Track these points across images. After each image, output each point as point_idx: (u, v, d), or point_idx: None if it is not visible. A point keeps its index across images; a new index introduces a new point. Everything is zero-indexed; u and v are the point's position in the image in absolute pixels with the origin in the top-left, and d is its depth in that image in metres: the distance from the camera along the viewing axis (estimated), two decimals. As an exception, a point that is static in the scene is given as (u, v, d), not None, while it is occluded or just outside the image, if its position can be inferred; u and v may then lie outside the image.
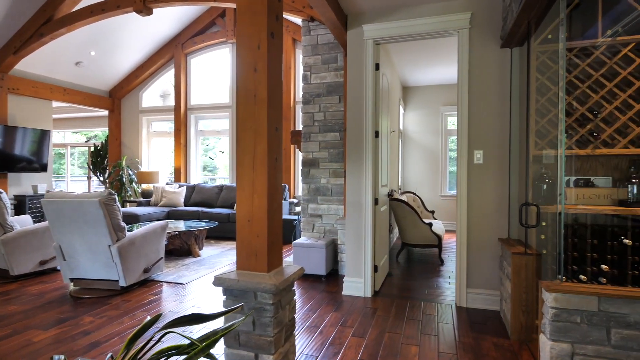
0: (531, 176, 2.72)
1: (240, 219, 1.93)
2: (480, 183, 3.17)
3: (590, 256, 2.64)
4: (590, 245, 2.64)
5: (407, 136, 7.54)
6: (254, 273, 1.90)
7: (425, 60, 5.80)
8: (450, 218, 7.27)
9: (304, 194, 4.50)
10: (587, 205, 2.67)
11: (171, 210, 6.57)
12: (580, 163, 2.91)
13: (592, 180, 2.91)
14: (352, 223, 3.52)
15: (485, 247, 3.16)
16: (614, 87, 2.63)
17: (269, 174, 1.90)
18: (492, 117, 3.14)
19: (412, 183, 7.49)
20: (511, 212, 3.09)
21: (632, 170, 2.64)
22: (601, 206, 2.66)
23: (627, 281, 2.57)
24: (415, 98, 7.46)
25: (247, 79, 1.91)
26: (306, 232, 4.49)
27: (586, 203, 2.80)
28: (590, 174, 2.89)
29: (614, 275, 2.60)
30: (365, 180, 3.47)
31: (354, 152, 3.51)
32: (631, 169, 2.64)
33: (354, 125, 3.51)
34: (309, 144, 4.47)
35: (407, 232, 4.76)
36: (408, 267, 4.54)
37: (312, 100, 4.46)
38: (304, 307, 3.17)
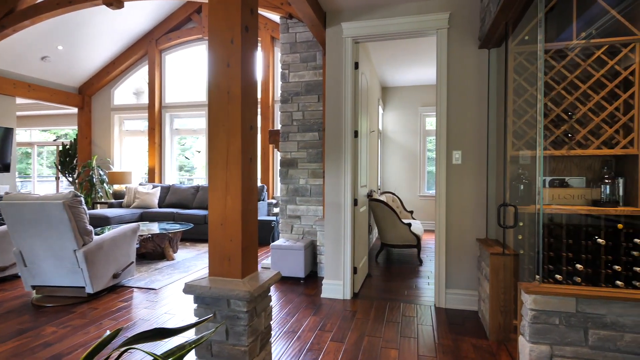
0: (508, 177, 2.73)
1: (213, 221, 1.83)
2: (458, 183, 3.17)
3: (565, 256, 2.67)
4: (565, 244, 2.67)
5: (386, 136, 7.56)
6: (227, 279, 1.80)
7: (404, 61, 5.81)
8: (428, 218, 7.33)
9: (282, 194, 4.41)
10: (563, 205, 2.71)
11: (144, 211, 6.34)
12: (555, 163, 2.95)
13: (567, 181, 2.95)
14: (331, 224, 3.45)
15: (464, 247, 3.17)
16: (587, 89, 2.67)
17: (243, 175, 1.81)
18: (470, 117, 3.15)
19: (391, 183, 7.52)
20: (489, 212, 3.11)
21: (604, 170, 2.69)
22: (576, 206, 2.69)
23: (600, 280, 2.61)
24: (394, 98, 7.49)
25: (220, 74, 1.82)
26: (285, 234, 4.40)
27: (561, 203, 2.84)
28: (565, 174, 2.93)
29: (588, 275, 2.64)
30: (345, 181, 3.41)
31: (333, 152, 3.45)
32: (604, 169, 2.69)
33: (333, 125, 3.45)
34: (287, 143, 4.39)
35: (386, 232, 4.74)
36: (387, 267, 4.52)
37: (290, 99, 4.38)
38: (281, 311, 3.09)
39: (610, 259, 2.57)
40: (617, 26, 2.59)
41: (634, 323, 1.61)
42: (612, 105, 2.61)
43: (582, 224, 2.67)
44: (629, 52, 2.56)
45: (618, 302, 1.62)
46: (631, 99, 2.58)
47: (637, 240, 2.50)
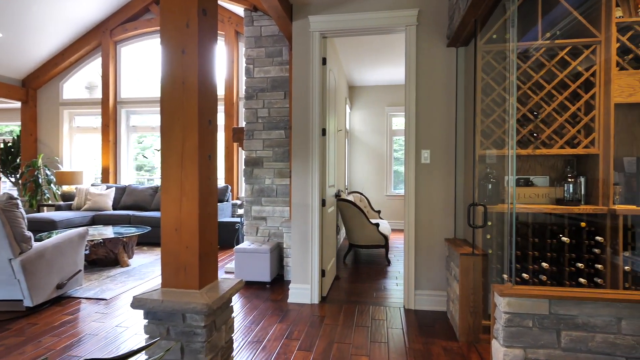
0: (477, 176, 2.71)
1: (166, 227, 1.64)
2: (427, 183, 3.13)
3: (531, 254, 2.69)
4: (531, 243, 2.69)
5: (353, 136, 7.52)
6: (182, 291, 1.62)
7: (371, 60, 5.77)
8: (395, 217, 7.36)
9: (247, 195, 4.21)
10: (529, 204, 2.72)
11: (97, 214, 5.89)
12: (520, 163, 2.97)
13: (532, 180, 2.99)
14: (298, 226, 3.31)
15: (433, 247, 3.13)
16: (552, 89, 2.71)
17: (201, 174, 1.63)
18: (439, 116, 3.11)
19: (358, 183, 7.48)
20: (457, 212, 3.09)
21: (568, 170, 2.73)
22: (542, 205, 2.72)
23: (564, 278, 2.65)
24: (362, 98, 7.46)
25: (174, 62, 1.63)
26: (249, 236, 4.20)
27: (527, 202, 2.86)
28: (529, 173, 2.96)
29: (553, 273, 2.68)
30: (312, 181, 3.28)
31: (299, 151, 3.31)
32: (567, 168, 2.74)
33: (299, 122, 3.31)
34: (252, 142, 4.19)
35: (354, 233, 4.67)
36: (356, 268, 4.45)
37: (255, 96, 4.19)
38: (246, 319, 2.91)
39: (573, 256, 2.62)
40: (579, 28, 2.63)
41: (604, 323, 1.59)
42: (574, 106, 2.66)
43: (547, 222, 2.70)
44: (590, 53, 2.61)
45: (589, 303, 1.60)
46: (592, 99, 2.63)
47: (598, 238, 2.55)
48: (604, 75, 2.56)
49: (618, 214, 2.43)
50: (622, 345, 1.58)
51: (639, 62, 2.52)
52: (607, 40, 2.53)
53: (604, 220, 2.53)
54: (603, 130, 2.56)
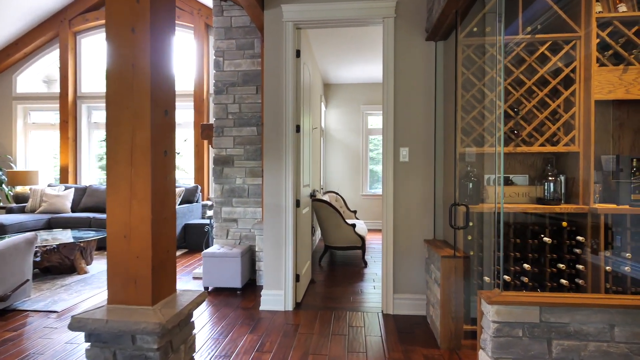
0: (457, 175, 2.60)
1: (113, 233, 1.41)
2: (406, 182, 3.01)
3: (513, 255, 2.61)
4: (513, 244, 2.61)
5: (329, 134, 7.37)
6: (132, 308, 1.39)
7: (347, 56, 5.63)
8: (372, 217, 7.27)
9: (216, 195, 3.97)
10: (510, 204, 2.64)
11: (53, 217, 5.45)
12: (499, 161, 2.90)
13: (511, 179, 2.92)
14: (271, 228, 3.11)
15: (412, 249, 3.01)
16: (532, 85, 2.64)
17: (155, 172, 1.41)
18: (418, 113, 3.00)
19: (334, 182, 7.34)
20: (436, 212, 2.98)
21: (548, 168, 2.67)
22: (523, 204, 2.64)
23: (546, 279, 2.59)
24: (337, 96, 7.32)
25: (122, 42, 1.40)
26: (219, 239, 3.96)
27: (507, 201, 2.79)
28: (509, 172, 2.89)
29: (535, 274, 2.61)
30: (286, 180, 3.09)
31: (272, 149, 3.11)
32: (548, 166, 2.68)
33: (272, 118, 3.11)
34: (222, 139, 3.95)
35: (330, 234, 4.51)
36: (332, 271, 4.29)
37: (225, 90, 3.95)
38: (213, 330, 2.68)
39: (555, 257, 2.56)
40: (559, 23, 2.58)
41: (597, 331, 1.49)
42: (554, 103, 2.60)
43: (527, 222, 2.63)
44: (570, 49, 2.56)
45: (581, 309, 1.49)
46: (572, 96, 2.58)
47: (579, 237, 2.50)
48: (584, 71, 2.51)
49: (600, 212, 2.37)
50: (615, 354, 1.48)
51: (618, 58, 2.48)
52: (587, 36, 2.48)
53: (585, 220, 2.48)
54: (583, 128, 2.51)
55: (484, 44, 2.68)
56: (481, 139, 2.71)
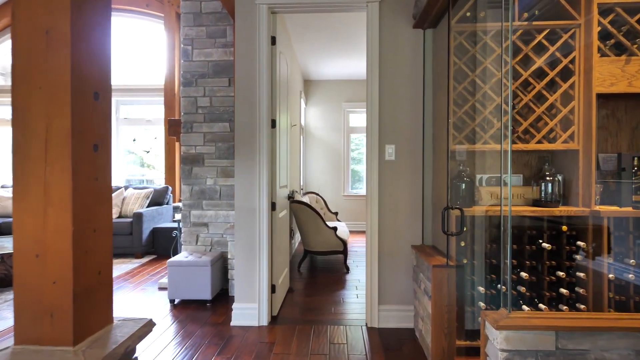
0: (449, 174, 2.36)
1: (21, 252, 1.08)
2: (392, 182, 2.75)
3: (509, 262, 2.39)
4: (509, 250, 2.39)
5: (308, 133, 7.08)
6: (46, 350, 1.06)
7: (328, 51, 5.36)
8: (353, 218, 7.02)
9: (185, 197, 3.61)
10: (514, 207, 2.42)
11: (5, 222, 4.95)
12: (492, 160, 2.68)
13: (504, 179, 2.71)
14: (243, 235, 2.80)
15: (398, 256, 2.76)
16: (529, 77, 2.43)
17: (77, 171, 1.09)
18: (405, 107, 2.75)
19: (314, 183, 7.06)
20: (425, 215, 2.74)
21: (545, 167, 2.46)
22: (519, 207, 2.43)
23: (544, 288, 2.38)
24: (317, 92, 7.04)
25: (31, 3, 1.07)
26: (188, 246, 3.61)
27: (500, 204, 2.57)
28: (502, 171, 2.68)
29: (532, 282, 2.40)
30: (260, 181, 2.78)
31: (245, 146, 2.80)
32: (545, 165, 2.47)
33: (244, 112, 2.80)
34: (191, 135, 3.60)
35: (310, 238, 4.22)
36: (312, 278, 4.00)
37: (194, 82, 3.60)
38: (176, 352, 2.35)
39: (553, 264, 2.35)
40: (558, 9, 2.37)
41: (622, 358, 1.25)
42: (552, 96, 2.39)
43: (524, 226, 2.42)
44: (569, 38, 2.36)
45: (604, 334, 1.25)
46: (571, 89, 2.38)
47: (580, 243, 2.30)
48: (584, 62, 2.31)
49: (602, 215, 2.18)
50: (644, 386, 1.25)
51: (619, 48, 2.30)
52: (587, 24, 2.29)
53: (585, 223, 2.28)
54: (583, 123, 2.32)
55: (476, 32, 2.45)
56: (473, 136, 2.48)
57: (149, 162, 6.97)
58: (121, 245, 4.71)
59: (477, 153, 2.57)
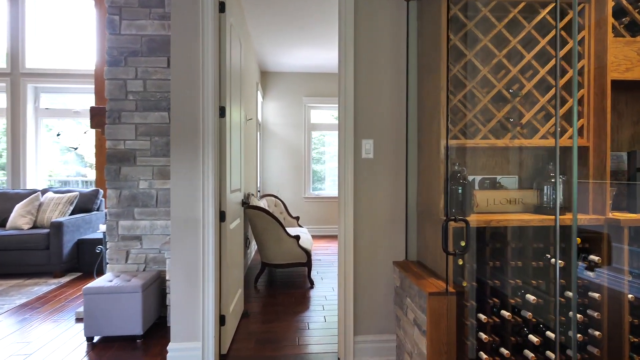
0: (443, 175, 1.92)
1: None
2: (370, 185, 2.27)
3: (513, 283, 1.99)
4: (511, 267, 1.99)
5: (266, 129, 6.48)
6: None
7: (288, 38, 4.80)
8: (316, 222, 6.52)
9: (111, 204, 2.90)
10: (502, 214, 2.01)
11: None
12: (485, 158, 2.28)
13: (499, 181, 2.33)
14: (182, 255, 2.18)
15: (377, 274, 2.28)
16: (532, 60, 2.04)
17: None
18: (385, 94, 2.27)
19: (273, 184, 6.47)
20: (409, 225, 2.28)
21: (550, 167, 2.09)
22: (518, 214, 2.03)
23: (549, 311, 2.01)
24: (276, 85, 6.46)
25: None
26: (116, 264, 2.90)
27: (498, 210, 2.17)
28: (496, 172, 2.29)
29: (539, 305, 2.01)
30: (205, 185, 2.18)
31: (184, 141, 2.18)
32: (549, 165, 2.09)
33: (183, 95, 2.18)
34: (118, 127, 2.90)
35: (268, 249, 3.65)
36: (271, 296, 3.43)
37: (123, 61, 2.90)
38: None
39: (563, 283, 1.98)
40: (566, -20, 2.01)
41: None
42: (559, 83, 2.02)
43: (528, 237, 2.03)
44: (578, 15, 2.01)
45: None
46: (580, 75, 2.03)
47: (593, 257, 1.95)
48: (595, 43, 1.97)
49: (623, 225, 1.83)
50: None
51: (633, 29, 1.98)
52: (599, -2, 1.94)
53: (598, 233, 1.93)
54: (594, 115, 1.97)
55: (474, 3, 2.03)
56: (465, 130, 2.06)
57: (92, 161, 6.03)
58: (35, 262, 3.85)
59: (469, 150, 2.16)
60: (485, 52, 2.07)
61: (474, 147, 2.09)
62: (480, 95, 2.01)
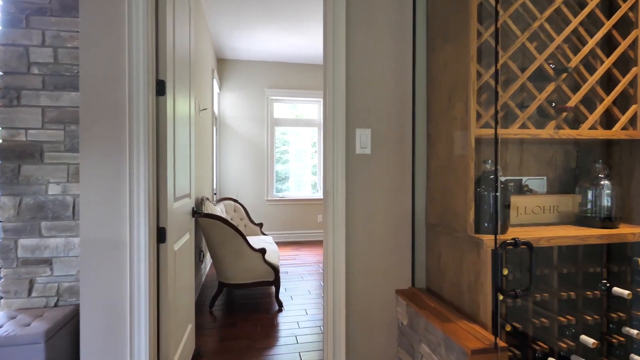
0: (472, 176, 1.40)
1: None
2: (367, 189, 1.71)
3: (564, 320, 1.51)
4: (558, 300, 1.52)
5: (223, 124, 5.75)
6: None
7: (249, 19, 4.13)
8: (280, 228, 5.89)
9: (7, 216, 2.11)
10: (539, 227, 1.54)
11: None
12: (509, 155, 1.81)
13: (526, 183, 1.87)
14: (97, 292, 1.50)
15: (376, 307, 1.73)
16: (579, 26, 1.58)
17: None
18: (386, 70, 1.72)
19: (232, 186, 5.75)
20: (417, 241, 1.75)
21: (598, 167, 1.64)
22: (562, 227, 1.56)
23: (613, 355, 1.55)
24: (234, 75, 5.75)
25: None
26: (14, 299, 2.11)
27: (529, 221, 1.70)
28: (522, 172, 1.83)
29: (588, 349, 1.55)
30: (133, 192, 1.50)
31: (100, 126, 1.50)
32: (597, 164, 1.65)
33: (99, 61, 1.50)
34: (17, 111, 2.11)
35: (227, 266, 2.99)
36: (229, 326, 2.78)
37: (24, 21, 2.12)
38: None
39: (622, 317, 1.54)
40: None
41: None
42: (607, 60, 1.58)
43: (578, 258, 1.57)
44: (633, -29, 1.58)
45: None
46: (631, 49, 1.60)
47: (658, 283, 1.52)
48: (655, 8, 1.54)
49: None
50: None
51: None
52: (661, -51, 1.52)
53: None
54: (653, 101, 1.55)
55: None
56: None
57: None
58: None
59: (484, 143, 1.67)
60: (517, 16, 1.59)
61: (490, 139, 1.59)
62: (516, 71, 1.52)
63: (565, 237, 1.38)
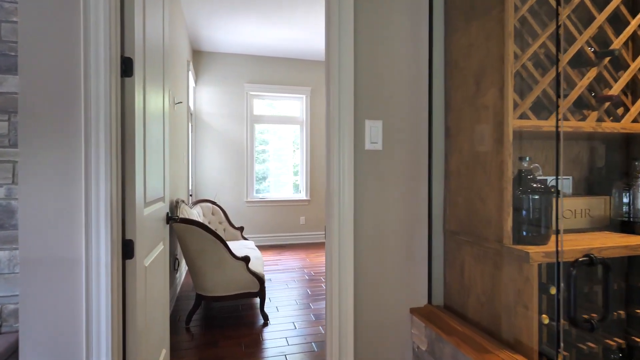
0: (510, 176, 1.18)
1: None
2: (376, 192, 1.46)
3: (612, 344, 1.31)
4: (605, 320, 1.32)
5: (200, 120, 5.38)
6: None
7: (228, 6, 3.80)
8: (261, 230, 5.57)
9: (-64, 226, 1.73)
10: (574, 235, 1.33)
11: None
12: (533, 151, 1.61)
13: (552, 184, 1.67)
14: (41, 323, 1.17)
15: (387, 327, 1.48)
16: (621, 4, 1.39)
17: None
18: (400, 54, 1.48)
19: (209, 187, 5.39)
20: (434, 252, 1.51)
21: (638, 164, 1.45)
22: (602, 234, 1.36)
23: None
24: (211, 68, 5.39)
25: None
26: (-57, 327, 1.73)
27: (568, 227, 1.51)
28: (547, 171, 1.63)
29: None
30: (91, 196, 1.19)
31: (45, 116, 1.17)
32: (638, 162, 1.46)
33: (48, 38, 1.17)
34: (-52, 97, 1.73)
35: (206, 276, 2.67)
36: (209, 344, 2.46)
37: (-43, -12, 1.74)
38: None
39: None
40: None
41: None
42: (649, 43, 1.40)
43: (623, 270, 1.38)
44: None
45: None
46: (674, 32, 1.42)
47: None
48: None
49: None
50: None
51: None
52: None
53: None
54: (701, 90, 1.37)
55: None
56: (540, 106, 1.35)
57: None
58: None
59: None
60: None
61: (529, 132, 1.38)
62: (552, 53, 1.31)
63: (617, 248, 1.18)
